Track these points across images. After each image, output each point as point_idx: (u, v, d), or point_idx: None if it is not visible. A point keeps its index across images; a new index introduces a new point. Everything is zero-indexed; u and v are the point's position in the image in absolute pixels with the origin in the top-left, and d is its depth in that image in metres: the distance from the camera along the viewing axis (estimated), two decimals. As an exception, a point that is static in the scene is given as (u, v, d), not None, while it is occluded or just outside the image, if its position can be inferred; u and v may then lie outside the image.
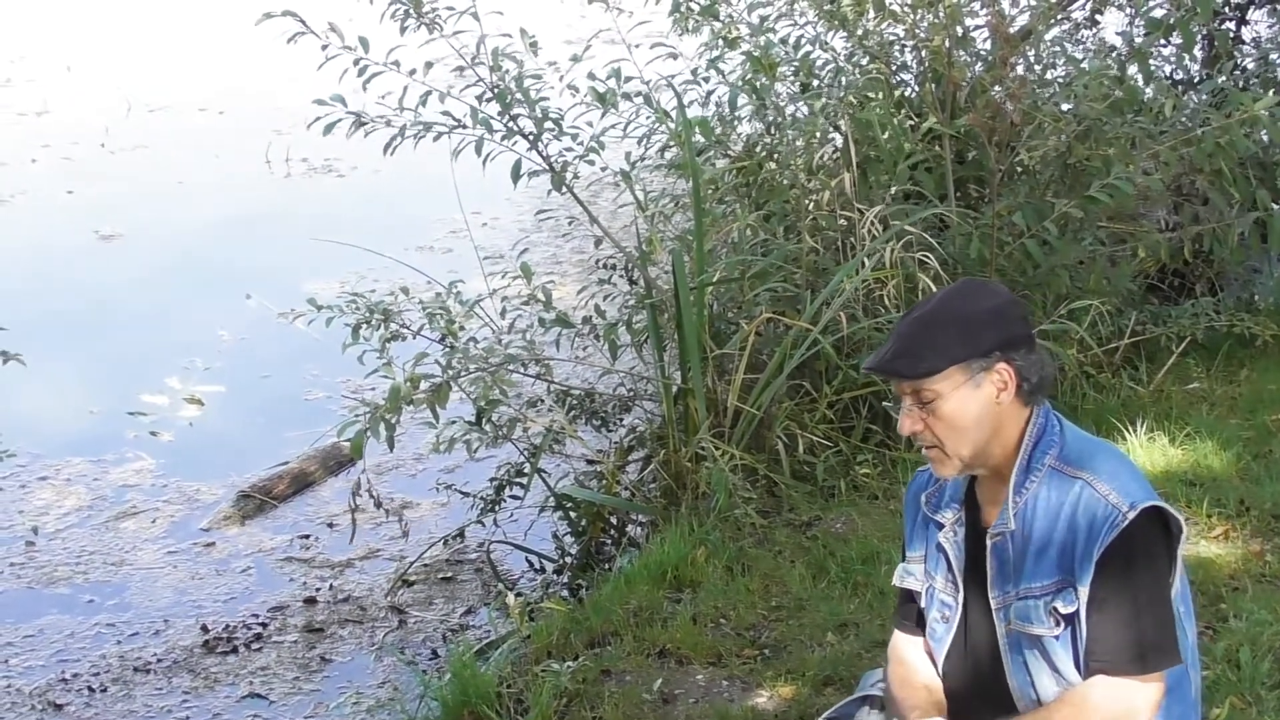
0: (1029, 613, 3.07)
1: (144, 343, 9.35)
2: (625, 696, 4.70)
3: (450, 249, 10.32)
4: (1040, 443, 3.10)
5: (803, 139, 6.88)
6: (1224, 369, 6.95)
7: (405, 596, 6.47)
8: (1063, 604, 3.03)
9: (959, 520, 3.23)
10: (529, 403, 6.71)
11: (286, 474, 7.49)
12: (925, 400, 3.06)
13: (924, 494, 3.31)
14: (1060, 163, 6.78)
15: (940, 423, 3.07)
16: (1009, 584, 3.11)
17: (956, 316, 3.08)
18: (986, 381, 3.05)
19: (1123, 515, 2.97)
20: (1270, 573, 5.08)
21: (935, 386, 3.04)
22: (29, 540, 6.99)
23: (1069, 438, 3.12)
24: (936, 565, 3.26)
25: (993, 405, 3.06)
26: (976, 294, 3.17)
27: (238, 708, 5.74)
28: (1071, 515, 3.02)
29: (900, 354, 3.07)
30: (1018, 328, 3.11)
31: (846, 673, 4.65)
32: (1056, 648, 3.06)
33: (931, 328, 3.07)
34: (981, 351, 3.04)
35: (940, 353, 3.03)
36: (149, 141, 14.02)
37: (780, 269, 6.63)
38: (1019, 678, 3.13)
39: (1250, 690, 4.34)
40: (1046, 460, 3.09)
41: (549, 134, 6.45)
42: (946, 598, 3.23)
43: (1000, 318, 3.09)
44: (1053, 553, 3.04)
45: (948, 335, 3.04)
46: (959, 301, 3.13)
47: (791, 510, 6.01)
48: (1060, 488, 3.05)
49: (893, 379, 3.14)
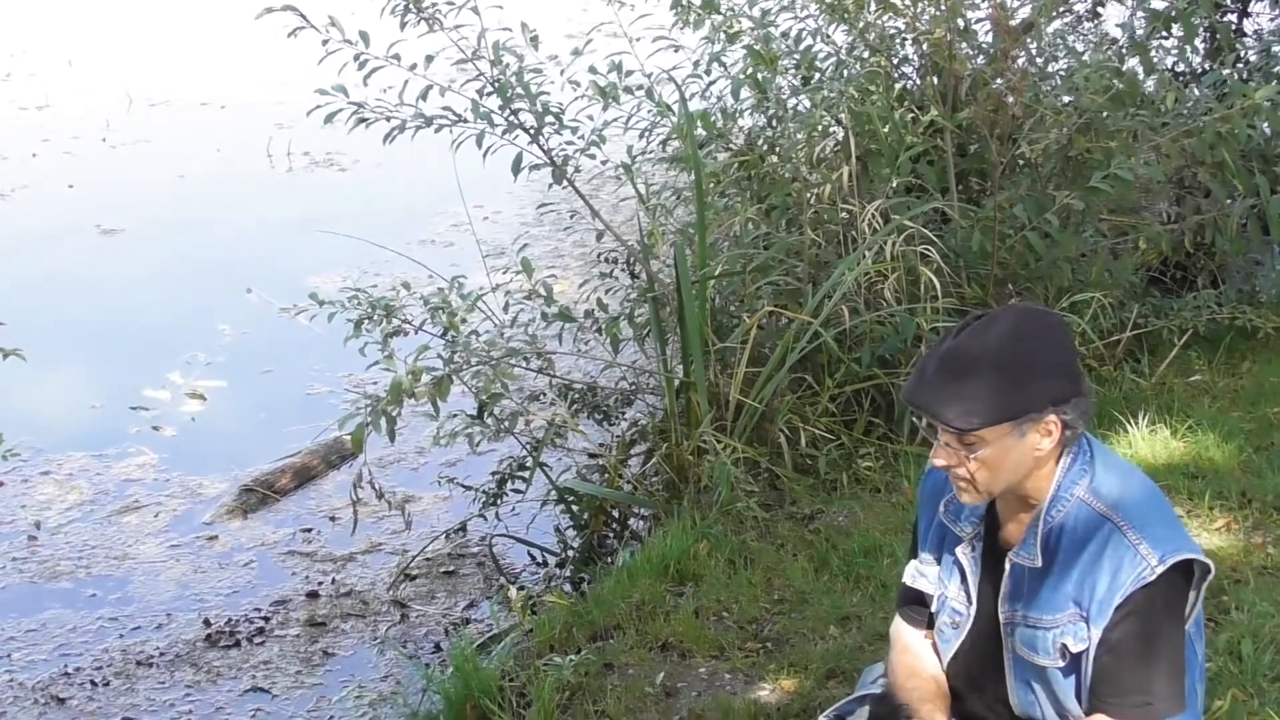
0: (1035, 642, 3.04)
1: (146, 337, 9.35)
2: (628, 690, 4.70)
3: (452, 243, 10.32)
4: (1071, 471, 3.02)
5: (804, 132, 6.87)
6: (1226, 361, 6.94)
7: (407, 590, 6.48)
8: (1073, 640, 2.99)
9: (978, 535, 3.16)
10: (531, 396, 6.71)
11: (289, 468, 7.49)
12: (967, 443, 2.95)
13: (943, 500, 3.21)
14: (1062, 155, 6.77)
15: (978, 465, 2.97)
16: (1019, 604, 3.07)
17: (1015, 367, 2.92)
18: (1032, 431, 2.94)
19: (1151, 569, 2.91)
20: (1272, 565, 5.08)
21: (981, 435, 2.93)
22: (31, 535, 7.00)
23: (1099, 466, 3.03)
24: (951, 575, 3.22)
25: (1034, 451, 2.97)
26: (1033, 338, 2.97)
27: (240, 701, 5.75)
28: (1097, 555, 2.95)
29: (949, 401, 2.92)
30: (1074, 381, 2.97)
31: (849, 665, 4.65)
32: (1059, 678, 3.04)
33: (988, 375, 2.91)
34: (1035, 409, 2.92)
35: (994, 407, 2.91)
36: (150, 136, 14.01)
37: (782, 262, 6.63)
38: (1021, 694, 3.12)
39: (1252, 683, 4.34)
40: (1076, 491, 3.01)
41: (550, 128, 6.44)
42: (959, 606, 3.20)
43: (1056, 370, 2.95)
44: (1069, 588, 2.99)
45: (1004, 387, 2.91)
46: (1020, 347, 2.94)
47: (794, 503, 6.01)
48: (1087, 524, 2.98)
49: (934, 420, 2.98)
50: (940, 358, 2.96)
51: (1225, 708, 4.19)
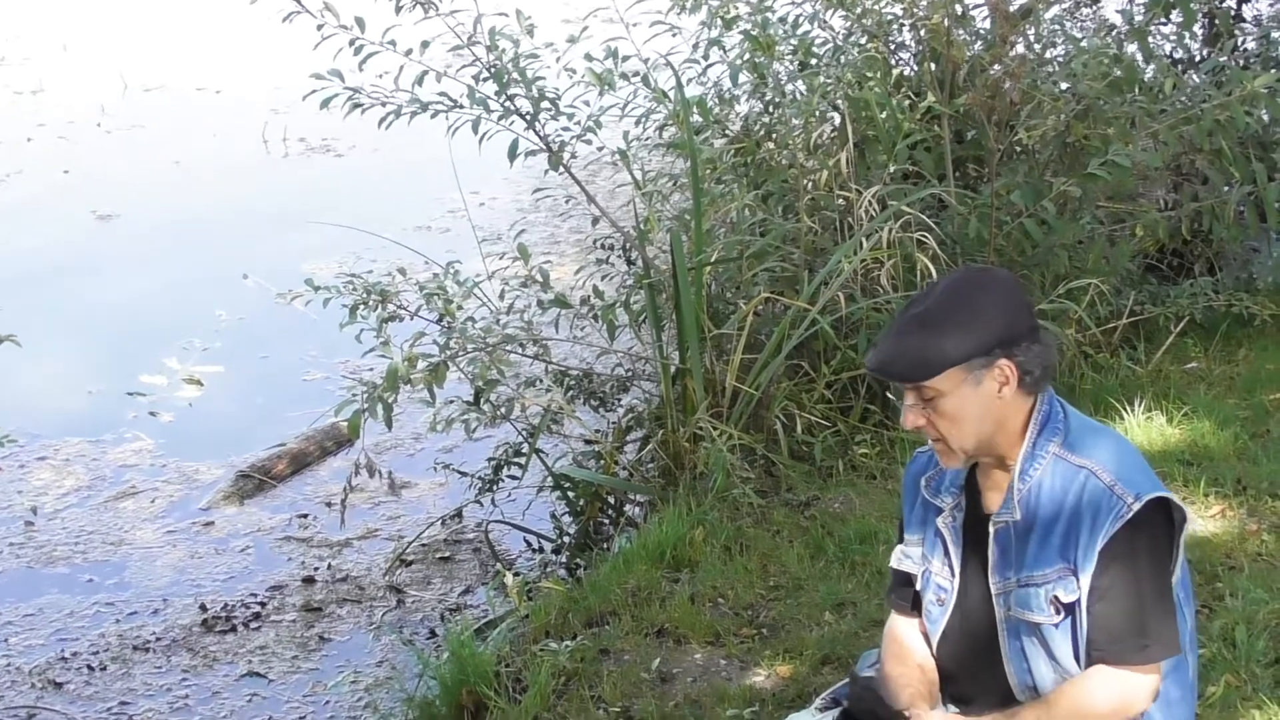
0: (1029, 600, 3.07)
1: (142, 323, 9.34)
2: (623, 675, 4.71)
3: (448, 229, 10.31)
4: (1044, 430, 3.08)
5: (801, 118, 6.86)
6: (1222, 349, 6.95)
7: (403, 576, 6.48)
8: (1064, 592, 3.02)
9: (958, 505, 3.21)
10: (527, 383, 6.70)
11: (285, 454, 7.49)
12: (927, 398, 3.04)
13: (924, 477, 3.29)
14: (1059, 142, 6.77)
15: (943, 419, 3.05)
16: (1010, 570, 3.10)
17: (954, 315, 3.03)
18: (987, 378, 3.02)
19: (1127, 506, 2.97)
20: (1266, 551, 5.09)
21: (935, 385, 3.02)
22: (28, 520, 7.00)
23: (1073, 425, 3.10)
24: (934, 549, 3.25)
25: (994, 400, 3.04)
26: (975, 288, 3.10)
27: (236, 686, 5.75)
28: (1076, 504, 3.01)
29: (898, 356, 3.04)
30: (1019, 321, 3.05)
31: (844, 652, 4.66)
32: (1055, 636, 3.06)
33: (930, 328, 3.02)
34: (981, 351, 3.00)
35: (939, 355, 3.00)
36: (145, 121, 13.98)
37: (778, 249, 6.63)
38: (1016, 664, 3.13)
39: (1245, 668, 4.35)
40: (1050, 448, 3.07)
41: (546, 113, 6.44)
42: (942, 581, 3.23)
43: (1001, 313, 3.03)
44: (1055, 541, 3.03)
45: (946, 336, 3.00)
46: (956, 298, 3.07)
47: (789, 490, 6.01)
48: (1064, 476, 3.04)
49: (892, 381, 3.12)
50: (893, 326, 3.12)
51: (1219, 693, 4.20)
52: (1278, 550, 5.09)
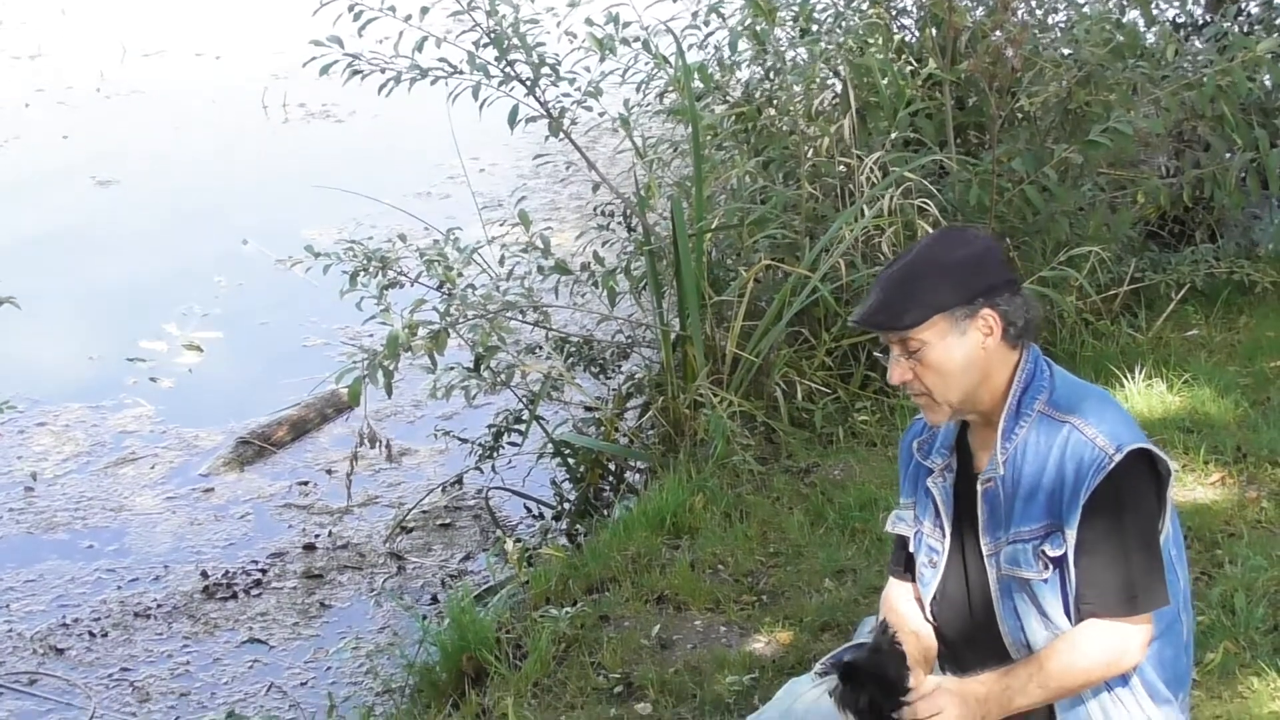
0: (1018, 556, 3.08)
1: (142, 289, 9.33)
2: (623, 642, 4.72)
3: (448, 195, 10.29)
4: (1030, 388, 3.11)
5: (802, 85, 6.84)
6: (1223, 316, 6.94)
7: (404, 543, 6.49)
8: (1051, 547, 3.04)
9: (948, 466, 3.23)
10: (527, 349, 6.70)
11: (285, 420, 7.49)
12: (912, 350, 3.07)
13: (917, 440, 3.31)
14: (1061, 108, 6.75)
15: (928, 371, 3.07)
16: (1000, 530, 3.12)
17: (936, 265, 3.08)
18: (971, 328, 3.05)
19: (1109, 458, 2.98)
20: (1266, 519, 5.10)
21: (920, 336, 3.05)
22: (28, 486, 7.01)
23: (1058, 382, 3.13)
24: (925, 510, 3.27)
25: (979, 350, 3.07)
26: (955, 241, 3.18)
27: (237, 653, 5.77)
28: (1060, 459, 3.03)
29: (883, 306, 3.08)
30: (999, 273, 3.12)
31: (844, 618, 4.67)
32: (1045, 592, 3.07)
33: (912, 279, 3.07)
34: (964, 299, 3.05)
35: (922, 303, 3.04)
36: (144, 86, 13.95)
37: (779, 216, 6.61)
38: (1009, 623, 3.14)
39: (1244, 635, 4.36)
40: (1036, 405, 3.09)
41: (546, 79, 6.41)
42: (934, 543, 3.25)
43: (980, 264, 3.09)
44: (1041, 497, 3.05)
45: (929, 285, 3.05)
46: (938, 250, 3.14)
47: (789, 457, 6.01)
48: (1049, 432, 3.06)
49: (878, 331, 3.15)
50: (877, 282, 3.16)
51: (1218, 660, 4.21)
52: (1277, 518, 5.10)
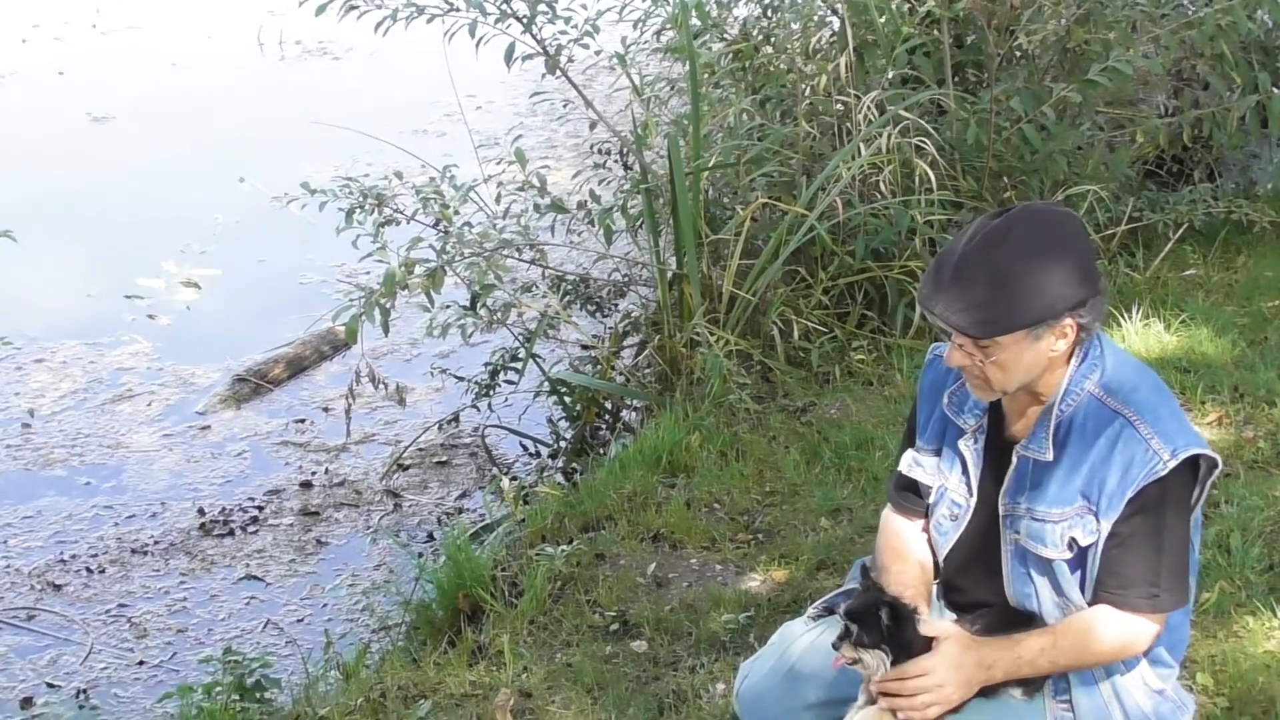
0: (1043, 535, 3.03)
1: (139, 225, 9.32)
2: (619, 580, 4.74)
3: (444, 132, 10.25)
4: (1082, 367, 3.01)
5: (799, 22, 6.80)
6: (1221, 256, 6.92)
7: (400, 480, 6.50)
8: (1082, 534, 2.98)
9: (981, 428, 3.15)
10: (523, 288, 6.70)
11: (282, 358, 7.49)
12: (983, 347, 2.94)
13: (947, 391, 3.19)
14: (1059, 47, 6.71)
15: (993, 367, 2.96)
16: (1022, 496, 3.06)
17: (1033, 273, 2.89)
18: (1048, 334, 2.93)
19: (1163, 463, 2.91)
20: (1262, 459, 5.11)
21: (997, 340, 2.92)
22: (25, 423, 7.01)
23: (1109, 363, 3.02)
24: (952, 467, 3.20)
25: (1049, 353, 2.96)
26: (1053, 241, 2.93)
27: (234, 589, 5.79)
28: (1109, 451, 2.95)
29: (964, 308, 2.90)
30: (1091, 283, 2.94)
31: (839, 557, 4.68)
32: (1065, 571, 3.04)
33: (1003, 285, 2.88)
34: (1053, 315, 2.91)
35: (1009, 319, 2.89)
36: (140, 22, 13.87)
37: (776, 154, 6.59)
38: (1018, 587, 3.11)
39: (1240, 575, 4.38)
40: (1086, 385, 3.00)
41: (543, 16, 6.37)
42: (958, 499, 3.19)
43: (1076, 273, 2.92)
44: (1079, 481, 2.99)
45: (1021, 297, 2.88)
46: (1034, 251, 2.91)
47: (786, 396, 6.02)
48: (1098, 417, 2.98)
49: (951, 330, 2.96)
50: (955, 265, 2.93)
51: (1213, 599, 4.23)
52: (1273, 457, 5.11)
